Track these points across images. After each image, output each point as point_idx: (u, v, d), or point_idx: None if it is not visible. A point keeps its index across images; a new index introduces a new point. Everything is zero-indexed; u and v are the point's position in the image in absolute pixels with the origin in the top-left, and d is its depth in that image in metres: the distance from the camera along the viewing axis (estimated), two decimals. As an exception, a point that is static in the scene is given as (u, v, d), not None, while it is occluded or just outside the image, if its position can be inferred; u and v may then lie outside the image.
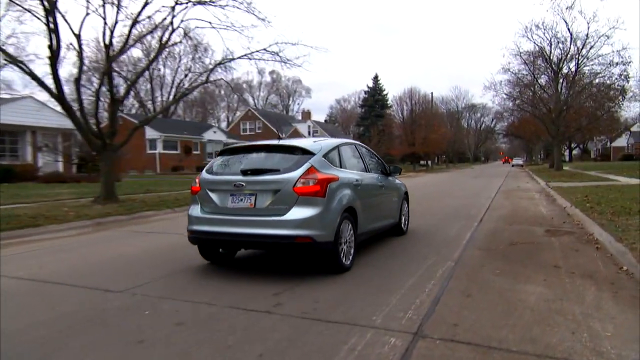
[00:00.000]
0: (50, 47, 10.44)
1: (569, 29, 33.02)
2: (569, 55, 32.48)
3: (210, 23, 12.32)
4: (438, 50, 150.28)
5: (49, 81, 10.74)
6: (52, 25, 10.36)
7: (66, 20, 10.73)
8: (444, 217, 9.97)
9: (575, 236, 7.19)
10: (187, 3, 11.86)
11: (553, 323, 3.59)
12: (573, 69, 32.91)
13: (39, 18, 10.46)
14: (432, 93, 58.62)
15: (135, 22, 11.65)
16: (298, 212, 4.68)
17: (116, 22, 11.39)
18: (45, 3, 10.28)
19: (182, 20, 12.59)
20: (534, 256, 5.86)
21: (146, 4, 11.57)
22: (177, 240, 7.33)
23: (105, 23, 11.35)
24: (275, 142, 5.37)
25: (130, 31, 11.67)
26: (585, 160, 70.40)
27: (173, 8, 11.86)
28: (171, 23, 12.11)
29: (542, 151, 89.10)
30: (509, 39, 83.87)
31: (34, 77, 10.52)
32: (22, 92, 20.11)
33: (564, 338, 3.32)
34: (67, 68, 69.19)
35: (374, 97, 67.67)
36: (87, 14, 11.08)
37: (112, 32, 11.38)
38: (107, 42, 11.43)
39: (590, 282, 4.62)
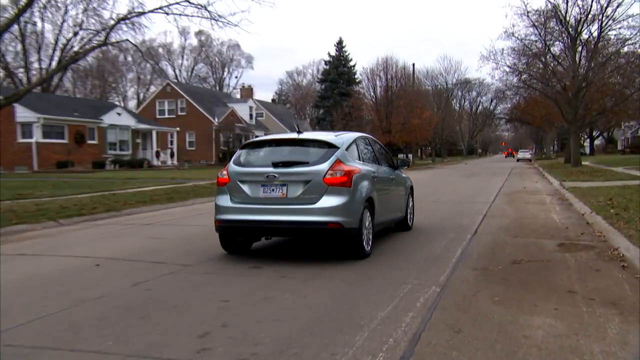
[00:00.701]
0: None
1: (590, -19, 33.99)
2: (590, 16, 33.28)
3: (108, -40, 12.05)
4: (421, 8, 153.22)
5: None
6: None
7: None
8: (427, 228, 10.25)
9: (596, 251, 7.56)
10: None
11: (566, 365, 3.74)
12: (595, 34, 33.83)
13: None
14: (413, 65, 59.41)
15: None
16: (328, 201, 6.96)
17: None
18: None
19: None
20: (543, 278, 6.12)
21: None
22: (66, 264, 7.11)
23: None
24: (296, 135, 7.80)
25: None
26: (610, 152, 74.01)
27: None
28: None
29: (556, 141, 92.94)
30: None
31: None
32: None
33: (579, 384, 3.46)
34: None
35: (338, 69, 68.29)
36: None
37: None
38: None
39: (614, 312, 4.86)
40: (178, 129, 51.35)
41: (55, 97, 47.14)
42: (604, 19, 33.00)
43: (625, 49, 33.69)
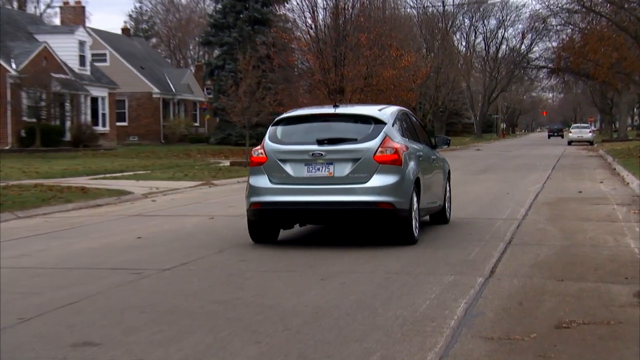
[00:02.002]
0: None
1: None
2: None
3: None
4: None
5: None
6: None
7: None
8: (410, 262, 10.44)
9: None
10: None
11: None
12: None
13: None
14: (385, -32, 59.81)
15: None
16: (379, 180, 11.42)
17: None
18: None
19: None
20: (611, 354, 6.27)
21: None
22: None
23: None
24: (334, 110, 12.86)
25: None
26: None
27: None
28: None
29: (636, 109, 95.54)
30: None
31: None
32: None
33: None
34: None
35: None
36: None
37: None
38: None
39: None
40: None
41: None
42: None
43: None
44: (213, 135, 70.51)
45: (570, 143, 74.57)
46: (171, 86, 74.65)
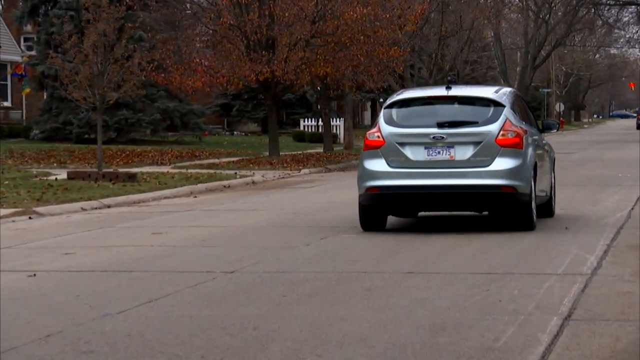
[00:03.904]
0: None
1: None
2: None
3: None
4: None
5: None
6: None
7: None
8: (386, 356, 10.55)
9: None
10: None
11: None
12: None
13: None
14: None
15: None
16: (502, 163, 23.70)
17: None
18: None
19: None
20: None
21: None
22: None
23: None
24: (446, 92, 25.90)
25: None
26: None
27: None
28: None
29: None
30: None
31: None
32: None
33: None
34: None
35: None
36: None
37: None
38: None
39: None
40: None
41: None
42: None
43: None
44: (37, 125, 70.58)
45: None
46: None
